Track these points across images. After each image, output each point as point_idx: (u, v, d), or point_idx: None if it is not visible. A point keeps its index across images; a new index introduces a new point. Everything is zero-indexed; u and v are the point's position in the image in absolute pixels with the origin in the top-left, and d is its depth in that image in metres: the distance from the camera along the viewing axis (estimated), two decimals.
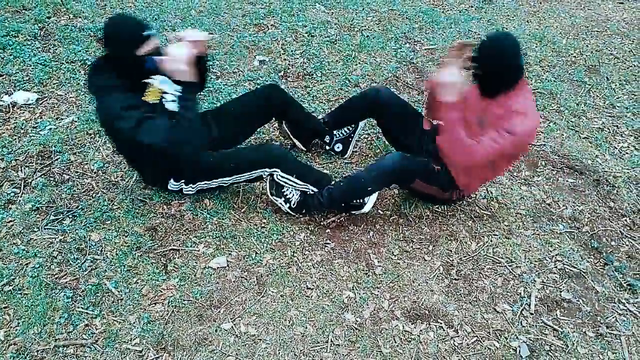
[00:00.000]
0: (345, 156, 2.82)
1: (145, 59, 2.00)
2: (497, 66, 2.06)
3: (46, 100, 2.94)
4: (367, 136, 3.01)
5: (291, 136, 2.74)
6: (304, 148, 2.79)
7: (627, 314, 2.13)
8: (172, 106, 2.08)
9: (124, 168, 2.55)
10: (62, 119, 2.81)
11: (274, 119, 2.73)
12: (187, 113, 2.00)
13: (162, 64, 1.97)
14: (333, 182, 2.39)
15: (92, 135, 2.72)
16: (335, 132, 2.76)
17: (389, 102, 2.57)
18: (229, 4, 4.24)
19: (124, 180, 2.49)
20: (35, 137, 2.67)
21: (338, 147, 2.80)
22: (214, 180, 2.31)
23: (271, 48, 3.70)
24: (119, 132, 2.05)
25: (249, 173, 2.28)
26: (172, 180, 2.32)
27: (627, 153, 3.07)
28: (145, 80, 2.11)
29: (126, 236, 2.22)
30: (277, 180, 2.30)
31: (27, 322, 1.86)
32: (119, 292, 2.00)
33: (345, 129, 2.77)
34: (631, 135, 3.24)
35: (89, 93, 2.10)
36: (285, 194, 2.32)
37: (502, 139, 2.03)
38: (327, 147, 2.80)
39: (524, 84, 2.11)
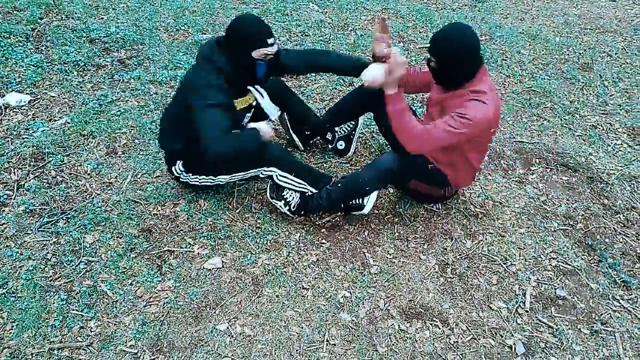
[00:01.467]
0: (349, 154, 2.81)
1: (258, 64, 2.08)
2: (451, 58, 1.99)
3: (39, 101, 2.92)
4: (362, 135, 3.01)
5: (291, 131, 2.74)
6: (302, 147, 2.79)
7: (621, 311, 2.15)
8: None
9: (118, 169, 2.55)
10: (55, 121, 2.80)
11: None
12: (247, 143, 2.12)
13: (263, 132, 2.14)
14: (331, 182, 2.38)
15: (86, 136, 2.71)
16: (336, 129, 2.76)
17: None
18: (223, 3, 4.23)
19: (118, 182, 2.48)
20: (28, 138, 2.65)
21: (341, 145, 2.80)
22: (212, 177, 2.30)
23: None
24: (185, 102, 2.09)
25: (246, 172, 2.28)
26: (179, 163, 2.30)
27: (620, 150, 3.08)
28: (248, 87, 2.21)
29: (120, 238, 2.21)
30: (276, 181, 2.30)
31: (21, 325, 1.85)
32: (113, 294, 1.99)
33: (346, 126, 2.77)
34: (624, 133, 3.26)
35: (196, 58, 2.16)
36: (285, 196, 2.32)
37: (455, 122, 1.97)
38: (330, 146, 2.79)
39: (483, 73, 2.05)
